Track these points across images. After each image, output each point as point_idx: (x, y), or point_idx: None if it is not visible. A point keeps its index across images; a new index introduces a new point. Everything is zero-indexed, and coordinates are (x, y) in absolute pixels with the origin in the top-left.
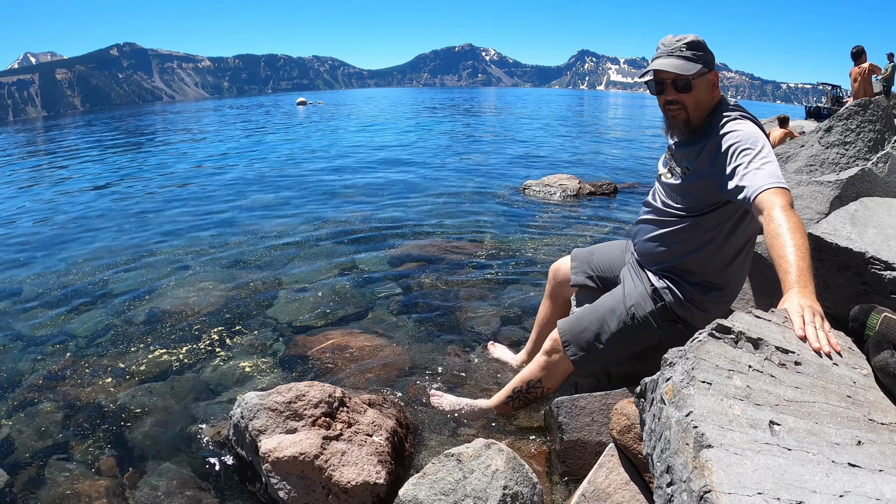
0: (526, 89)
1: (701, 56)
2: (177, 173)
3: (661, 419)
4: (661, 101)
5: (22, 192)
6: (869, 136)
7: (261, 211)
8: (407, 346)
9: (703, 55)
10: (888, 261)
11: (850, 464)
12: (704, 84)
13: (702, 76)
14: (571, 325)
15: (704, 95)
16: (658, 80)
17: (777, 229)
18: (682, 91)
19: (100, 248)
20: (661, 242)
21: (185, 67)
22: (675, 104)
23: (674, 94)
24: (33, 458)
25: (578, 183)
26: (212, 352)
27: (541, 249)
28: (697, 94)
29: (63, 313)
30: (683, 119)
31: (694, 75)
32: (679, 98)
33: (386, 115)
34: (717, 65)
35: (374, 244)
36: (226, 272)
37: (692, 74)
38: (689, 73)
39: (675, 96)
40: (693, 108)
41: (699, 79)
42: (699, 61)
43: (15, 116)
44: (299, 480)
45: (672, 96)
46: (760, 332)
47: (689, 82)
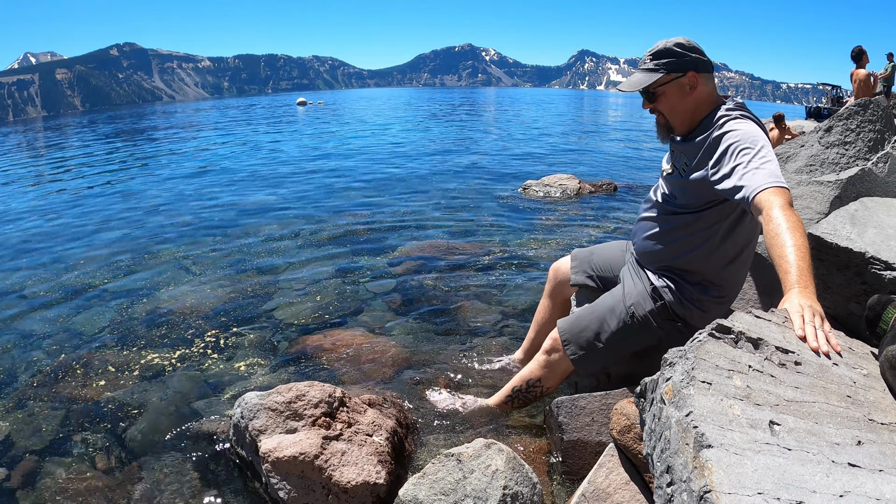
0: (526, 89)
1: (666, 63)
2: (176, 173)
3: (661, 419)
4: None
5: (22, 192)
6: (869, 136)
7: (261, 211)
8: (407, 345)
9: (671, 61)
10: (888, 261)
11: (850, 464)
12: (675, 88)
13: (668, 83)
14: (571, 325)
15: (678, 100)
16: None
17: (776, 229)
18: (651, 100)
19: (100, 248)
20: (658, 240)
21: (185, 67)
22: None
23: (647, 104)
24: (33, 457)
25: (578, 183)
26: (212, 351)
27: (541, 249)
28: (669, 100)
29: (63, 312)
30: (663, 123)
31: (652, 85)
32: (652, 107)
33: (386, 115)
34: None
35: (374, 244)
36: (226, 272)
37: (651, 84)
38: (644, 84)
39: (648, 106)
40: (669, 113)
41: (666, 85)
42: (660, 70)
43: (15, 116)
44: (299, 480)
45: (646, 106)
46: (760, 332)
47: (651, 92)
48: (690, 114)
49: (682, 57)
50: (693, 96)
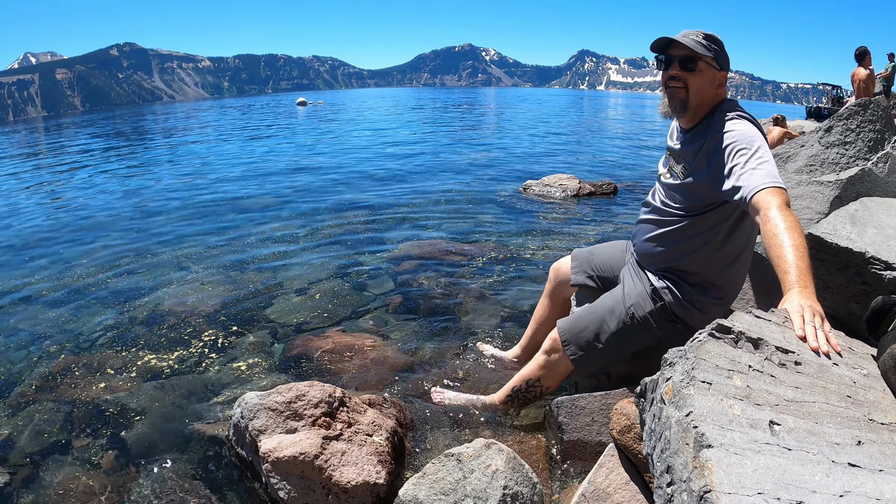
0: (526, 89)
1: (714, 49)
2: (175, 173)
3: (661, 419)
4: (664, 78)
5: (21, 192)
6: (869, 136)
7: (260, 211)
8: (407, 345)
9: (718, 50)
10: (888, 261)
11: (850, 464)
12: (710, 74)
13: (709, 65)
14: (571, 325)
15: (707, 85)
16: (668, 57)
17: (774, 229)
18: (686, 70)
19: (99, 248)
20: (659, 242)
21: (185, 67)
22: (677, 80)
23: (678, 71)
24: (33, 458)
25: (578, 183)
26: (212, 352)
27: (541, 249)
28: (701, 80)
29: (63, 313)
30: (682, 98)
31: (703, 56)
32: (682, 76)
33: (386, 115)
34: (728, 66)
35: (374, 244)
36: (226, 272)
37: (701, 54)
38: (699, 50)
39: (678, 73)
40: (694, 92)
41: (706, 67)
42: (711, 52)
43: (15, 116)
44: (299, 480)
45: (676, 72)
46: (760, 332)
47: (695, 61)
48: (706, 105)
49: (723, 53)
50: (715, 92)
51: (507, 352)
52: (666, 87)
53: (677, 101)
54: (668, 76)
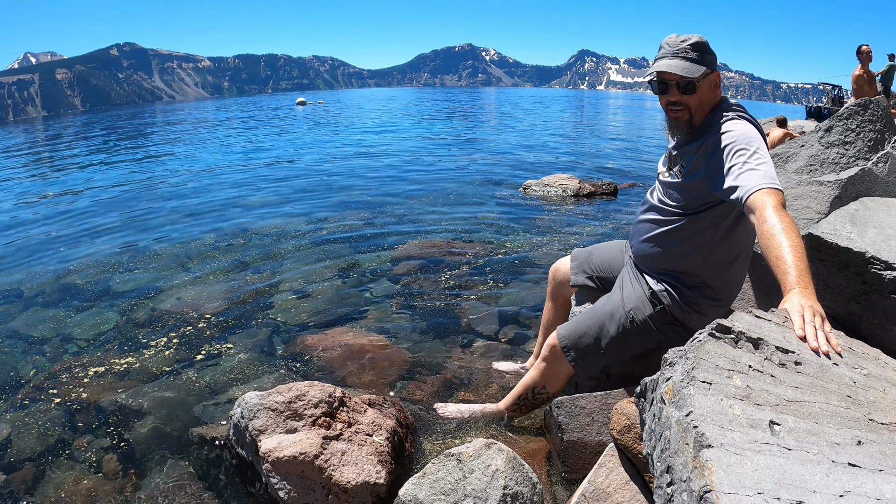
0: (526, 89)
1: (705, 58)
2: (175, 173)
3: (661, 419)
4: (663, 102)
5: (21, 192)
6: (869, 136)
7: (261, 210)
8: (407, 345)
9: (707, 56)
10: (888, 261)
11: (850, 464)
12: (707, 85)
13: (705, 77)
14: (570, 331)
15: (707, 96)
16: (662, 80)
17: (771, 230)
18: (686, 93)
19: (100, 248)
20: (657, 243)
21: (185, 67)
22: (678, 105)
23: (677, 96)
24: (34, 458)
25: (578, 183)
26: (212, 352)
27: (541, 249)
28: (701, 96)
29: (64, 313)
30: (686, 120)
31: (699, 77)
32: (682, 100)
33: (386, 115)
34: (717, 65)
35: (375, 244)
36: (226, 272)
37: (697, 77)
38: (694, 75)
39: (678, 97)
40: (696, 109)
41: (703, 80)
42: (703, 63)
43: (15, 116)
44: (299, 480)
45: (676, 97)
46: (760, 332)
47: (693, 84)
48: (707, 112)
49: (711, 55)
50: (716, 94)
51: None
52: (667, 111)
53: (682, 125)
54: (666, 101)
